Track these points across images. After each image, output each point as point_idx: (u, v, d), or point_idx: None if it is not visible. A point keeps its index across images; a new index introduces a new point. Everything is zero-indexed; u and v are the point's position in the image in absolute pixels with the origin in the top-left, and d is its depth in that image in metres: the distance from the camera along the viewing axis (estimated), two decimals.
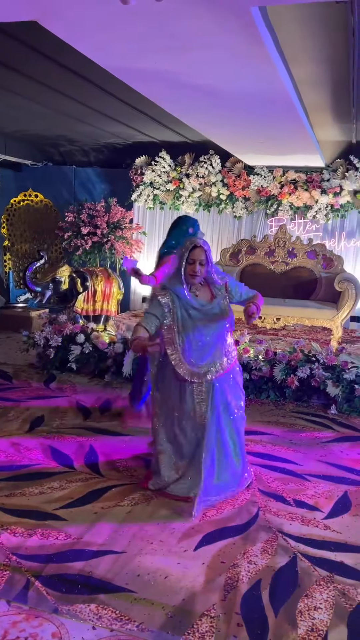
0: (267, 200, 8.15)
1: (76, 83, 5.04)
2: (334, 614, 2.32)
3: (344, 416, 4.72)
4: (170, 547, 2.75)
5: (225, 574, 2.56)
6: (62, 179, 9.34)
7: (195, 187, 8.35)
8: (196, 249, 3.10)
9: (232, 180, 8.16)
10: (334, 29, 3.48)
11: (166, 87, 4.19)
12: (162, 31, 2.98)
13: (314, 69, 4.27)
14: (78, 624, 2.20)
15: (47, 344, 5.68)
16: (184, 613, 2.28)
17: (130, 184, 8.74)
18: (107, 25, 2.93)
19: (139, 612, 2.28)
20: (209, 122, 5.55)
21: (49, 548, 2.69)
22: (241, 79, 3.82)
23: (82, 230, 8.07)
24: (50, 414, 4.50)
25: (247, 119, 5.12)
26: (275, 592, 2.44)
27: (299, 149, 6.63)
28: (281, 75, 3.68)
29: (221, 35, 2.98)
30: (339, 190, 7.72)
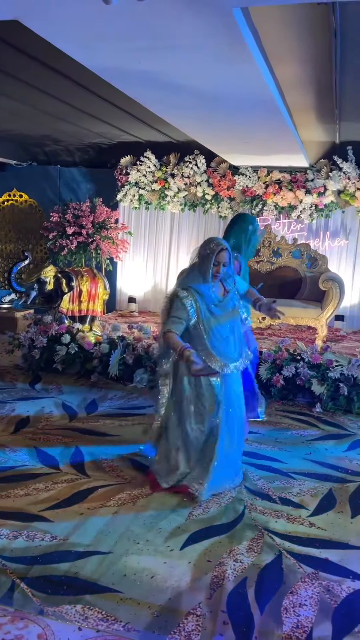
0: (252, 200, 8.18)
1: (60, 82, 5.02)
2: (318, 611, 2.34)
3: (329, 414, 4.76)
4: (156, 546, 2.76)
5: (212, 572, 2.57)
6: (46, 179, 9.29)
7: (180, 187, 8.36)
8: (222, 251, 3.23)
9: (217, 180, 8.18)
10: (317, 30, 3.51)
11: (150, 87, 4.19)
12: (145, 31, 2.99)
13: (297, 70, 4.30)
14: (64, 625, 2.20)
15: (32, 344, 5.65)
16: (170, 612, 2.29)
17: (116, 184, 8.72)
18: (90, 24, 2.92)
19: (125, 612, 2.28)
20: (193, 122, 5.56)
21: (34, 550, 2.68)
22: (224, 79, 3.83)
23: (67, 230, 8.04)
24: (35, 415, 4.47)
25: (231, 119, 5.14)
26: (260, 590, 2.46)
27: (283, 149, 6.67)
28: (264, 76, 3.70)
29: (204, 36, 2.99)
30: (323, 190, 7.78)
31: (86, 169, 9.19)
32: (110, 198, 8.69)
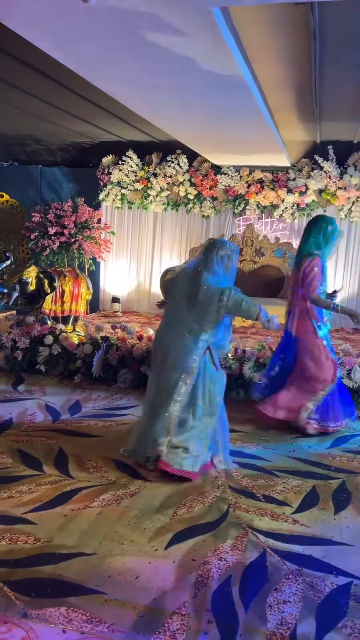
0: (234, 199, 8.21)
1: (40, 81, 4.98)
2: (302, 607, 2.35)
3: None
4: (141, 547, 2.75)
5: (196, 571, 2.57)
6: (28, 179, 9.22)
7: (163, 186, 8.36)
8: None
9: (200, 179, 8.20)
10: (296, 30, 3.53)
11: (130, 87, 4.18)
12: (124, 30, 2.98)
13: (277, 70, 4.32)
14: (48, 628, 2.18)
15: (14, 346, 5.60)
16: (154, 612, 2.29)
17: (98, 184, 8.69)
18: (68, 23, 2.90)
19: (109, 613, 2.27)
20: (174, 121, 5.56)
21: (17, 552, 2.66)
22: (204, 79, 3.84)
23: (49, 230, 7.98)
24: (19, 416, 4.44)
25: (212, 119, 5.15)
26: (245, 588, 2.47)
27: (265, 149, 6.70)
28: (245, 76, 3.71)
29: (183, 35, 2.99)
30: (304, 189, 7.83)
31: (68, 169, 9.13)
32: (93, 198, 8.66)
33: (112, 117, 6.41)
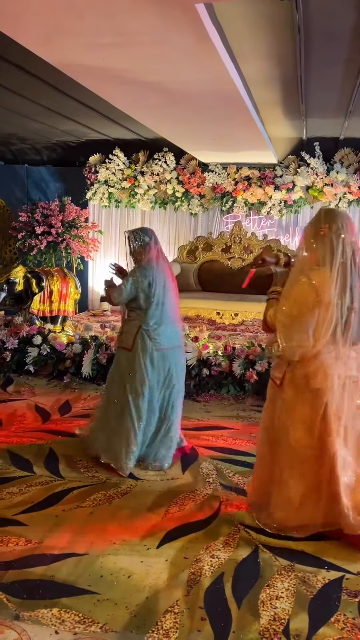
0: (222, 197, 8.21)
1: (25, 79, 4.94)
2: (295, 602, 2.36)
3: None
4: (133, 546, 2.74)
5: (189, 569, 2.57)
6: (14, 178, 9.15)
7: (150, 184, 8.34)
8: None
9: (187, 177, 8.19)
10: (280, 26, 3.53)
11: (115, 84, 4.16)
12: (108, 27, 2.96)
13: (263, 66, 4.32)
14: (40, 630, 2.17)
15: (3, 346, 5.56)
16: (147, 611, 2.28)
17: (85, 183, 8.65)
18: (51, 19, 2.88)
19: (102, 613, 2.26)
20: (159, 119, 5.54)
21: (8, 554, 2.64)
22: (190, 75, 3.83)
23: (36, 230, 7.93)
24: (8, 418, 4.41)
25: (198, 116, 5.14)
26: (237, 584, 2.47)
27: (252, 146, 6.70)
28: (230, 72, 3.71)
29: (168, 32, 2.98)
30: (291, 186, 7.85)
31: (54, 168, 9.08)
32: (80, 197, 8.61)
33: (98, 115, 6.38)
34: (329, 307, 2.46)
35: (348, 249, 2.48)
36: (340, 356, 2.57)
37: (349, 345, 2.58)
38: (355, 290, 2.51)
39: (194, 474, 3.52)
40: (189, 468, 3.60)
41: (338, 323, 2.49)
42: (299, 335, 2.49)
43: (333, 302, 2.46)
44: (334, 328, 2.49)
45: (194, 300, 7.25)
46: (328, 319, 2.47)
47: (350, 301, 2.50)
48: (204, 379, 5.07)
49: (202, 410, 4.67)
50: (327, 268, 2.47)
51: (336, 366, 2.58)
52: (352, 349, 2.61)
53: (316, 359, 2.56)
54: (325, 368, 2.57)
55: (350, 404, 2.65)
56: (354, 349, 2.63)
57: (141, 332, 3.50)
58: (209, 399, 4.95)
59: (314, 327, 2.48)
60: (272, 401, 2.83)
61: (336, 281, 2.46)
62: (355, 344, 2.60)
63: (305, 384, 2.62)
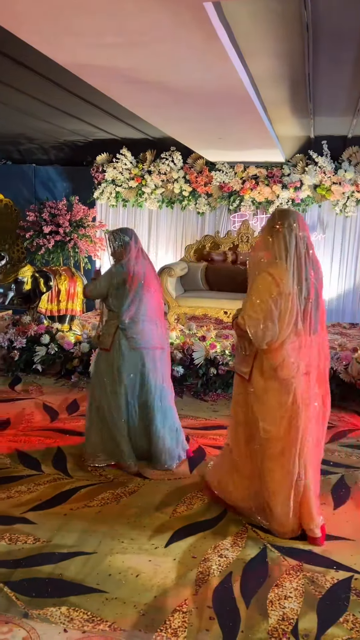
0: (229, 196, 8.19)
1: (33, 79, 4.95)
2: (303, 602, 2.35)
3: None
4: (141, 545, 2.75)
5: (197, 568, 2.57)
6: (22, 178, 9.18)
7: (157, 183, 8.34)
8: None
9: (194, 176, 8.18)
10: (289, 24, 3.51)
11: (122, 84, 4.15)
12: (116, 26, 2.96)
13: (270, 64, 4.30)
14: (49, 628, 2.18)
15: (11, 346, 5.58)
16: (156, 610, 2.28)
17: (92, 182, 8.66)
18: (59, 18, 2.88)
19: (110, 612, 2.27)
20: (167, 118, 5.53)
21: (17, 553, 2.65)
22: (198, 74, 3.82)
23: (44, 229, 7.95)
24: (16, 416, 4.42)
25: (206, 115, 5.13)
26: (246, 584, 2.47)
27: (259, 145, 6.68)
28: (238, 71, 3.70)
29: (176, 31, 2.97)
30: (299, 184, 7.82)
31: (62, 167, 9.10)
32: (87, 196, 8.63)
33: (105, 115, 6.38)
34: (289, 298, 2.62)
35: (301, 243, 2.67)
36: (302, 345, 2.70)
37: (310, 335, 2.72)
38: (310, 282, 2.69)
39: (201, 473, 3.51)
40: (196, 467, 3.60)
41: (298, 313, 2.65)
42: (265, 323, 2.63)
43: (293, 293, 2.63)
44: (295, 318, 2.65)
45: (201, 300, 7.24)
46: (290, 308, 2.63)
47: (306, 292, 2.67)
48: (211, 378, 5.06)
49: (210, 410, 4.66)
50: (283, 261, 2.65)
51: (300, 355, 2.71)
52: (312, 337, 2.75)
53: (281, 349, 2.69)
54: (290, 358, 2.69)
55: (314, 392, 2.79)
56: (314, 338, 2.76)
57: (118, 332, 3.50)
58: (216, 398, 4.95)
59: (277, 317, 2.63)
60: (243, 396, 2.91)
61: (293, 273, 2.65)
62: (313, 333, 2.75)
63: (273, 375, 2.73)
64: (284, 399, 2.73)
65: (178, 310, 7.25)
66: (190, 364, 5.11)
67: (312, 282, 2.70)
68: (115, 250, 3.56)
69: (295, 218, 2.70)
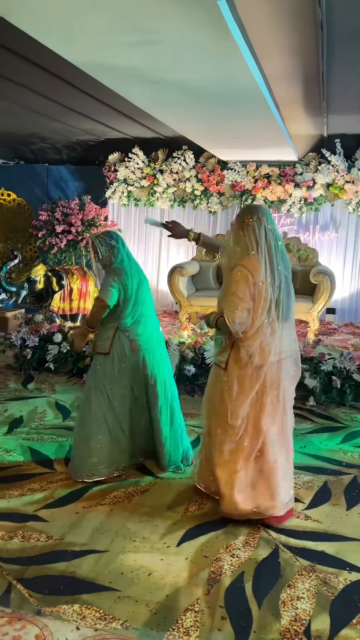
0: (241, 194, 8.17)
1: (46, 79, 4.97)
2: (316, 603, 2.34)
3: (322, 407, 4.77)
4: (153, 543, 2.75)
5: (209, 568, 2.57)
6: (34, 177, 9.23)
7: (169, 183, 8.34)
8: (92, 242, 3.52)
9: (206, 175, 8.17)
10: (303, 21, 3.49)
11: (136, 83, 4.16)
12: (130, 26, 2.96)
13: (283, 63, 4.28)
14: (62, 625, 2.19)
15: (24, 344, 5.61)
16: (168, 609, 2.29)
17: (104, 181, 8.68)
18: (74, 19, 2.89)
19: (123, 610, 2.27)
20: (180, 117, 5.53)
21: (30, 550, 2.67)
22: (211, 73, 3.81)
23: (56, 228, 8.00)
24: (29, 414, 4.45)
25: (219, 113, 5.11)
26: (258, 584, 2.46)
27: (272, 143, 6.65)
28: (251, 69, 3.68)
29: (189, 29, 2.96)
30: (312, 183, 7.78)
31: (74, 167, 9.13)
32: (99, 195, 8.65)
33: (117, 114, 6.39)
34: (262, 287, 2.77)
35: (270, 235, 2.82)
36: (275, 331, 2.84)
37: (282, 322, 2.86)
38: (282, 271, 2.84)
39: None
40: None
41: (271, 301, 2.79)
42: (240, 313, 2.75)
43: (266, 282, 2.77)
44: (269, 306, 2.79)
45: (212, 299, 7.20)
46: (263, 297, 2.77)
47: (278, 281, 2.82)
48: None
49: None
50: (255, 253, 2.80)
51: (273, 341, 2.84)
52: (284, 324, 2.88)
53: (256, 337, 2.82)
54: (264, 345, 2.83)
55: (286, 375, 2.92)
56: (286, 325, 2.90)
57: (118, 334, 3.40)
58: None
59: (251, 306, 2.77)
60: (218, 385, 2.99)
61: (265, 263, 2.79)
62: (285, 321, 2.89)
63: (248, 362, 2.85)
64: (253, 384, 2.86)
65: (189, 309, 7.25)
66: (201, 363, 5.10)
67: (284, 272, 2.87)
68: (102, 255, 3.43)
69: (263, 212, 2.85)
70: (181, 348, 5.20)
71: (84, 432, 3.41)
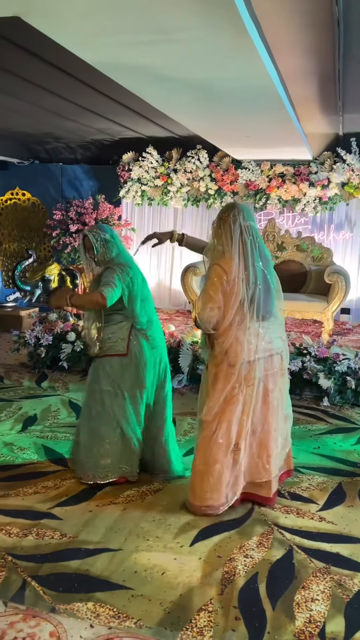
0: (255, 194, 8.15)
1: (61, 79, 4.99)
2: (331, 605, 2.33)
3: (337, 408, 4.74)
4: (166, 543, 2.75)
5: (222, 568, 2.56)
6: (49, 177, 9.28)
7: (183, 182, 8.33)
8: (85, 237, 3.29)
9: (220, 174, 8.15)
10: (319, 20, 3.47)
11: (151, 82, 4.16)
12: (146, 25, 2.96)
13: (299, 61, 4.26)
14: (76, 623, 2.20)
15: (38, 343, 5.65)
16: (181, 608, 2.28)
17: (118, 181, 8.70)
18: (91, 19, 2.89)
19: (136, 609, 2.27)
20: (195, 116, 5.52)
21: (44, 547, 2.68)
22: (227, 72, 3.80)
23: (70, 228, 8.03)
24: (43, 413, 4.47)
25: (234, 112, 5.10)
26: (272, 585, 2.45)
27: (287, 142, 6.62)
28: (266, 68, 3.66)
29: (206, 28, 2.95)
30: (326, 182, 7.73)
31: (88, 166, 9.17)
32: (113, 195, 8.67)
33: (132, 114, 6.40)
34: (235, 283, 2.81)
35: (245, 231, 2.86)
36: (248, 328, 2.86)
37: (260, 320, 2.88)
38: (258, 267, 2.87)
39: None
40: None
41: (245, 297, 2.83)
42: (209, 311, 2.83)
43: (238, 278, 2.81)
44: (242, 302, 2.82)
45: None
46: (235, 292, 2.81)
47: (254, 277, 2.84)
48: None
49: None
50: (229, 249, 2.85)
51: (246, 339, 2.87)
52: (263, 323, 2.91)
53: (228, 333, 2.86)
54: (237, 342, 2.86)
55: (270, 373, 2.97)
56: (265, 324, 2.92)
57: (134, 333, 3.24)
58: None
59: (222, 303, 2.82)
60: (204, 382, 3.09)
61: (238, 259, 2.83)
62: (265, 318, 2.92)
63: (223, 359, 2.90)
64: (227, 381, 2.90)
65: None
66: None
67: (262, 269, 2.89)
68: (98, 251, 3.22)
69: (239, 209, 2.89)
70: (194, 347, 5.19)
71: (97, 434, 3.28)
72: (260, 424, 3.00)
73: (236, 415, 2.93)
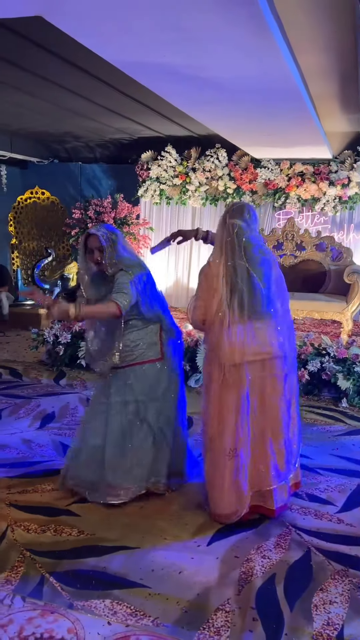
0: (274, 193, 8.10)
1: (81, 78, 5.02)
2: (349, 608, 2.30)
3: (355, 409, 4.69)
4: (183, 542, 2.75)
5: (240, 568, 2.55)
6: (68, 176, 9.34)
7: (201, 181, 8.32)
8: (90, 237, 3.01)
9: (239, 173, 8.12)
10: (341, 17, 3.43)
11: (172, 81, 4.16)
12: (168, 24, 2.96)
13: (320, 59, 4.22)
14: (93, 620, 2.20)
15: (56, 341, 5.69)
16: (198, 608, 2.28)
17: (137, 180, 8.72)
18: (112, 18, 2.90)
19: (153, 607, 2.27)
20: (215, 115, 5.51)
21: (62, 544, 2.70)
22: (248, 70, 3.78)
23: (89, 226, 8.06)
24: (61, 410, 4.50)
25: (254, 111, 5.08)
26: (290, 587, 2.43)
27: (306, 141, 6.58)
28: (288, 66, 3.64)
29: (228, 27, 2.95)
30: (347, 181, 7.66)
31: (107, 165, 9.20)
32: (132, 194, 8.69)
33: (151, 113, 6.41)
34: (218, 279, 2.83)
35: (231, 229, 2.86)
36: (229, 328, 2.81)
37: (246, 320, 2.81)
38: (242, 266, 2.84)
39: None
40: None
41: (224, 295, 2.81)
42: (196, 310, 2.91)
43: (221, 274, 2.82)
44: (229, 300, 2.80)
45: None
46: (214, 288, 2.83)
47: (233, 275, 2.82)
48: None
49: None
50: (218, 248, 2.91)
51: (229, 339, 2.81)
52: (256, 322, 2.85)
53: (218, 332, 2.84)
54: (219, 342, 2.84)
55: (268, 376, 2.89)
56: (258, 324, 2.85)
57: (163, 335, 3.12)
58: None
59: (205, 297, 2.87)
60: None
61: (225, 256, 2.84)
62: (252, 318, 2.84)
63: (213, 359, 2.91)
64: (215, 382, 2.89)
65: None
66: None
67: (245, 267, 2.84)
68: (105, 249, 2.97)
69: (230, 208, 2.95)
70: None
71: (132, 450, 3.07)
72: (260, 430, 2.88)
73: (229, 419, 2.83)
